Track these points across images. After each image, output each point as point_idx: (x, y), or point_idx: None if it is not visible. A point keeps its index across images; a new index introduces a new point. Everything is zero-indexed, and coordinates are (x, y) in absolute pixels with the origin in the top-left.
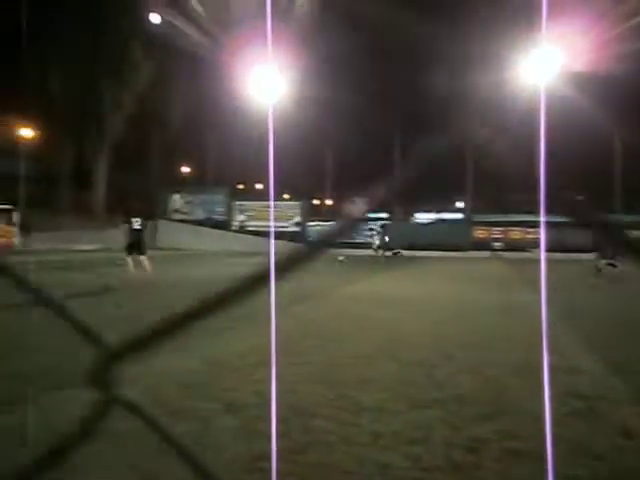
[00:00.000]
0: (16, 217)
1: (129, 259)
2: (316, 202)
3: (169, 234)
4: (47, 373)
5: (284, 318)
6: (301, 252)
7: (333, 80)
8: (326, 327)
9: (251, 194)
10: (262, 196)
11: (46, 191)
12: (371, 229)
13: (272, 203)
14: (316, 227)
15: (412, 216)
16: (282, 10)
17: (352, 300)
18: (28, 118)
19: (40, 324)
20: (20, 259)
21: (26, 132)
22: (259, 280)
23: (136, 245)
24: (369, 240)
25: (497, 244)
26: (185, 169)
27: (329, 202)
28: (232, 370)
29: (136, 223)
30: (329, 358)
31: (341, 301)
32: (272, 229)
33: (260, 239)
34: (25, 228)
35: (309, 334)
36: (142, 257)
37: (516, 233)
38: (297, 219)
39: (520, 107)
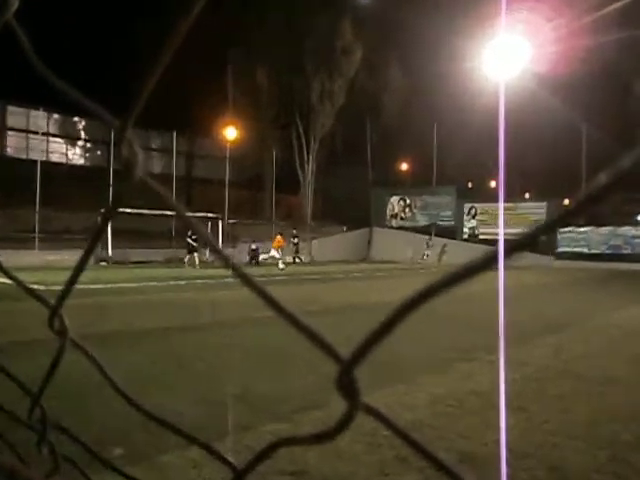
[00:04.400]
0: (220, 227)
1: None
2: (567, 202)
3: (385, 244)
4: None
5: (533, 349)
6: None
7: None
8: (591, 366)
9: (483, 194)
10: (497, 196)
11: (250, 197)
12: None
13: (501, 205)
14: (569, 234)
15: None
16: None
17: (624, 332)
18: (233, 117)
19: None
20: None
21: (230, 132)
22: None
23: None
24: None
25: None
26: (403, 166)
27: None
28: (467, 412)
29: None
30: (596, 407)
31: (608, 332)
32: (501, 237)
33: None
34: (230, 239)
35: (568, 373)
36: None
37: None
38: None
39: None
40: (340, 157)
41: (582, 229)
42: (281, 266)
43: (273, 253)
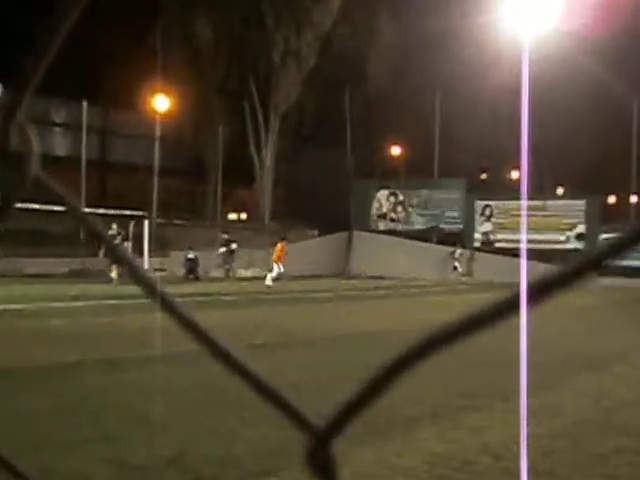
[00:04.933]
0: (145, 228)
1: None
2: (612, 200)
3: (370, 253)
4: None
5: (565, 394)
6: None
7: None
8: None
9: (502, 188)
10: (520, 191)
11: (187, 190)
12: None
13: (524, 202)
14: None
15: None
16: None
17: None
18: (164, 82)
19: None
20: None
21: (161, 103)
22: None
23: None
24: None
25: None
26: (395, 151)
27: (634, 199)
28: (476, 478)
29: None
30: None
31: None
32: (524, 245)
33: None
34: (159, 244)
35: (611, 426)
36: None
37: None
38: (580, 229)
39: None
40: (310, 138)
41: None
42: (269, 283)
43: (276, 269)
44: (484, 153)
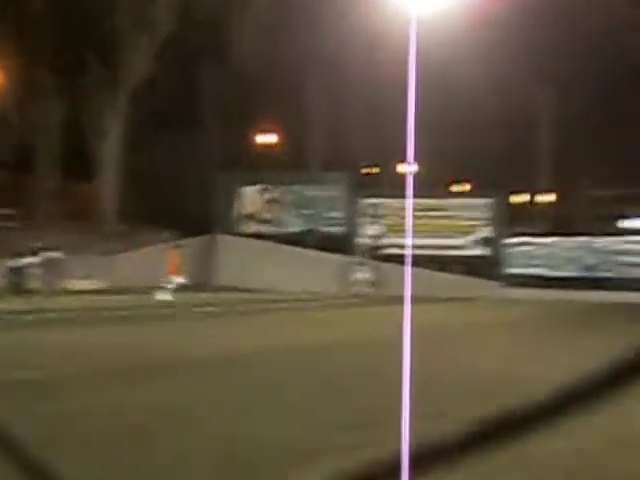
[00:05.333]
0: None
1: None
2: (519, 199)
3: (237, 260)
4: None
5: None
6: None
7: None
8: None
9: (393, 184)
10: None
11: (10, 183)
12: None
13: (410, 200)
14: (523, 248)
15: None
16: None
17: None
18: None
19: None
20: None
21: None
22: None
23: None
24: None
25: None
26: (266, 138)
27: (548, 198)
28: None
29: None
30: None
31: None
32: (409, 251)
33: (426, 274)
34: None
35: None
36: None
37: None
38: (484, 232)
39: None
40: (165, 122)
41: (542, 240)
42: (167, 296)
43: (175, 281)
44: (372, 144)
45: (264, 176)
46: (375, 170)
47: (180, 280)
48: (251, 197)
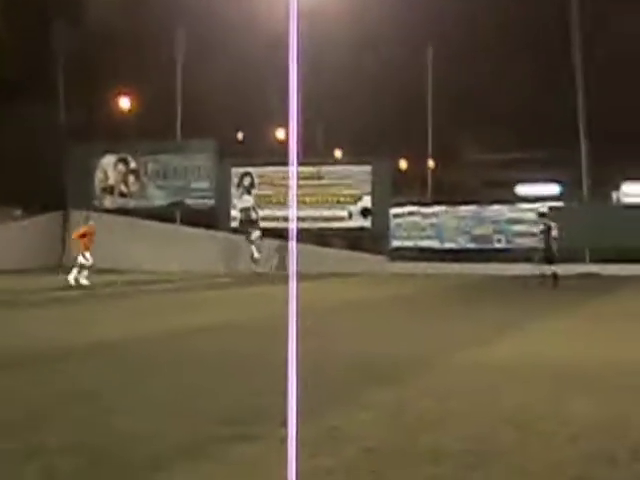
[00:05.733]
0: None
1: None
2: (404, 166)
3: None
4: None
5: (358, 413)
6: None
7: None
8: (453, 436)
9: (265, 151)
10: (289, 154)
11: None
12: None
13: (294, 168)
14: (409, 219)
15: (614, 191)
16: None
17: (504, 375)
18: None
19: None
20: None
21: None
22: None
23: None
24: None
25: None
26: (123, 103)
27: (436, 165)
28: None
29: None
30: None
31: (473, 378)
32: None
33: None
34: None
35: (416, 451)
36: None
37: None
38: (366, 203)
39: None
40: (10, 87)
41: (429, 210)
42: (83, 281)
43: (82, 260)
44: (241, 107)
45: (124, 145)
46: (242, 136)
47: (86, 259)
48: (108, 169)
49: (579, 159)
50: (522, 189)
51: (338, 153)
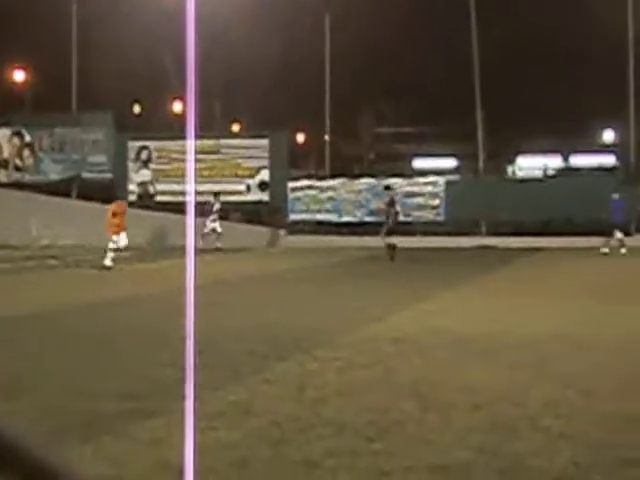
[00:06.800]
0: None
1: None
2: (301, 138)
3: None
4: None
5: (257, 386)
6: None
7: None
8: (357, 410)
9: (162, 125)
10: (186, 128)
11: None
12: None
13: (192, 142)
14: (307, 192)
15: (509, 164)
16: None
17: (404, 347)
18: None
19: None
20: None
21: None
22: None
23: None
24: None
25: None
26: (17, 76)
27: (333, 137)
28: None
29: None
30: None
31: (377, 351)
32: (191, 199)
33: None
34: None
35: (322, 423)
36: None
37: None
38: (263, 176)
39: None
40: None
41: (326, 183)
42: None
43: (112, 244)
44: (138, 79)
45: (15, 118)
46: (139, 109)
47: (120, 241)
48: (2, 142)
49: (475, 133)
50: (419, 162)
51: (236, 127)
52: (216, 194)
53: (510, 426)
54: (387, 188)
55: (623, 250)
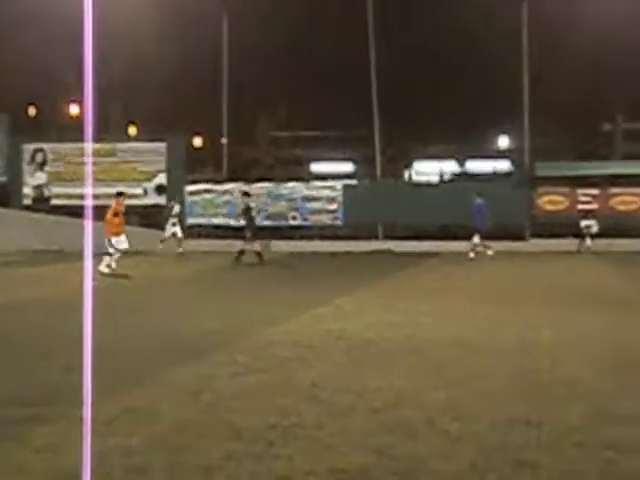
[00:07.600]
0: None
1: None
2: (199, 142)
3: None
4: None
5: (151, 391)
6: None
7: None
8: (249, 410)
9: (66, 128)
10: (84, 132)
11: None
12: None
13: (80, 145)
14: (204, 196)
15: (406, 169)
16: None
17: (302, 350)
18: None
19: None
20: None
21: None
22: None
23: None
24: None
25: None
26: None
27: (230, 141)
28: None
29: None
30: None
31: (270, 354)
32: (89, 203)
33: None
34: None
35: (217, 428)
36: None
37: (627, 200)
38: (161, 179)
39: None
40: None
41: (223, 187)
42: (103, 269)
43: (112, 249)
44: (34, 81)
45: None
46: (34, 111)
47: (120, 244)
48: None
49: (373, 138)
50: (317, 167)
51: (132, 129)
52: (176, 197)
53: (409, 429)
54: (245, 194)
55: (490, 252)
